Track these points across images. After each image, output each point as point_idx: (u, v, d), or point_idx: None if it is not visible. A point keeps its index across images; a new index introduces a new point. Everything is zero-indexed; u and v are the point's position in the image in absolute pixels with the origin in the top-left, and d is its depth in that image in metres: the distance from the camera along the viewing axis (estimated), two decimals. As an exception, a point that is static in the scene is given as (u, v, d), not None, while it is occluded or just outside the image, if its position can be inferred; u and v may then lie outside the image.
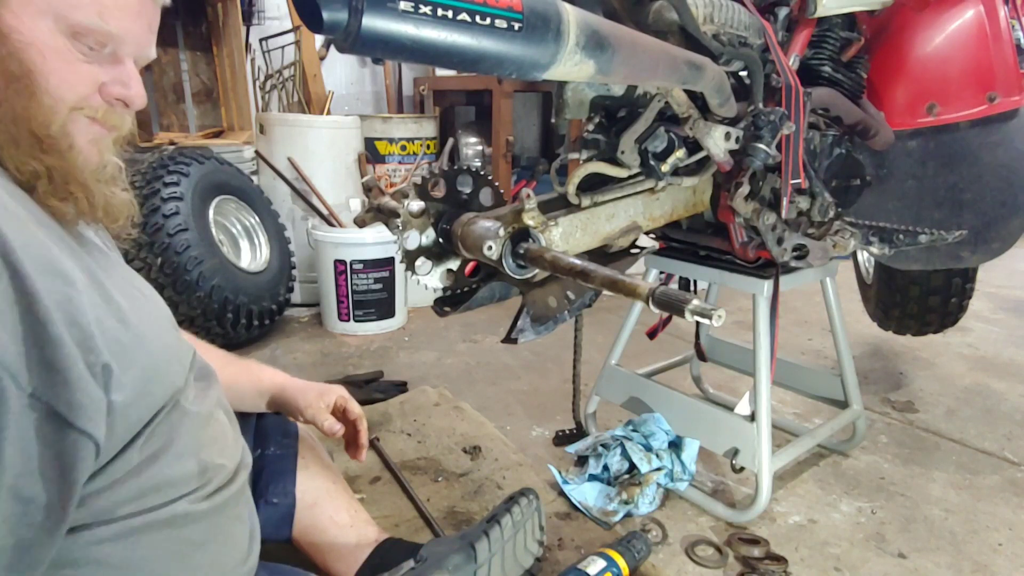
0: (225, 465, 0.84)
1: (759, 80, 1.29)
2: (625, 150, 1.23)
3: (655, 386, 1.74)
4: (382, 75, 4.73)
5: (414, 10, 0.64)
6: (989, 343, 2.81)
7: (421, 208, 1.05)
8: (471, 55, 0.71)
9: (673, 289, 0.73)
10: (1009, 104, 1.50)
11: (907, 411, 2.17)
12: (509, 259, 0.96)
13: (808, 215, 1.49)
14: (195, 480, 0.79)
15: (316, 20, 0.63)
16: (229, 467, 0.85)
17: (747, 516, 1.53)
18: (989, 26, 1.49)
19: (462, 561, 1.09)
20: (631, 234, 1.28)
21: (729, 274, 1.57)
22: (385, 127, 3.82)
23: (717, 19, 1.24)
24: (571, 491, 1.59)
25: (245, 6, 3.79)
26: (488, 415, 2.05)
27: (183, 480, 0.77)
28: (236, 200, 2.79)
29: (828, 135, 1.56)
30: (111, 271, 0.73)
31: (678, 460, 1.61)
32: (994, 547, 1.49)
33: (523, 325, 1.19)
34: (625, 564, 1.29)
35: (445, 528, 1.46)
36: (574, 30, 0.78)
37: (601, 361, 1.88)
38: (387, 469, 1.70)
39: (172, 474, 0.75)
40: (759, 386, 1.51)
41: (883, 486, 1.72)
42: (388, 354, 2.64)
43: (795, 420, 2.08)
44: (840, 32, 1.51)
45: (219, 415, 0.88)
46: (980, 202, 1.58)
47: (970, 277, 2.17)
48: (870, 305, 2.50)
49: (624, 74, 0.91)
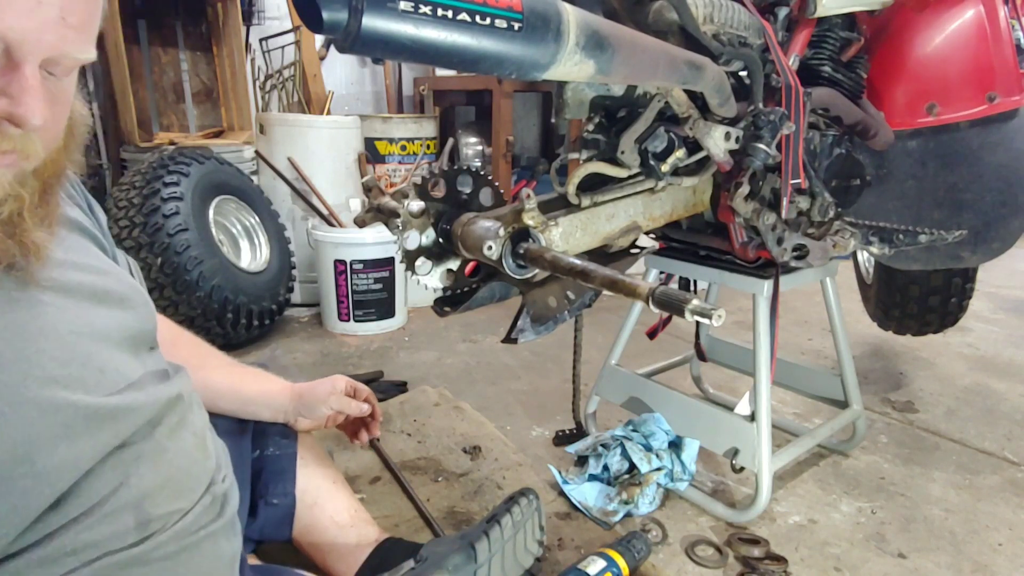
0: (181, 508, 0.74)
1: (759, 80, 1.29)
2: (625, 150, 1.23)
3: (655, 386, 1.74)
4: (382, 75, 4.74)
5: (414, 10, 0.64)
6: (989, 343, 2.81)
7: (421, 208, 1.05)
8: (471, 55, 0.71)
9: (673, 289, 0.73)
10: (1009, 104, 1.50)
11: (907, 411, 2.17)
12: (509, 259, 0.96)
13: (808, 215, 1.49)
14: (131, 535, 0.68)
15: (316, 20, 0.63)
16: (184, 506, 0.74)
17: (747, 516, 1.53)
18: (989, 26, 1.49)
19: (462, 561, 1.09)
20: (631, 234, 1.28)
21: (729, 274, 1.57)
22: (385, 127, 3.82)
23: (717, 19, 1.24)
24: (571, 491, 1.59)
25: (245, 6, 3.79)
26: (488, 415, 2.05)
27: (112, 538, 0.66)
28: (236, 200, 2.79)
29: (828, 135, 1.56)
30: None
31: (678, 460, 1.61)
32: (994, 547, 1.49)
33: (523, 325, 1.19)
34: (625, 564, 1.29)
35: (445, 528, 1.46)
36: (574, 30, 0.78)
37: (601, 361, 1.88)
38: (387, 469, 1.70)
39: (94, 537, 0.65)
40: (759, 386, 1.51)
41: (883, 486, 1.72)
42: (388, 354, 2.64)
43: (795, 420, 2.08)
44: (840, 32, 1.51)
45: (183, 442, 0.77)
46: (980, 202, 1.58)
47: (970, 277, 2.17)
48: (870, 305, 2.50)
49: (624, 74, 0.91)
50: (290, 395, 1.17)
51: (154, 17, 3.63)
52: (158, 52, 3.69)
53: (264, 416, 1.15)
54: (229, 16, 3.64)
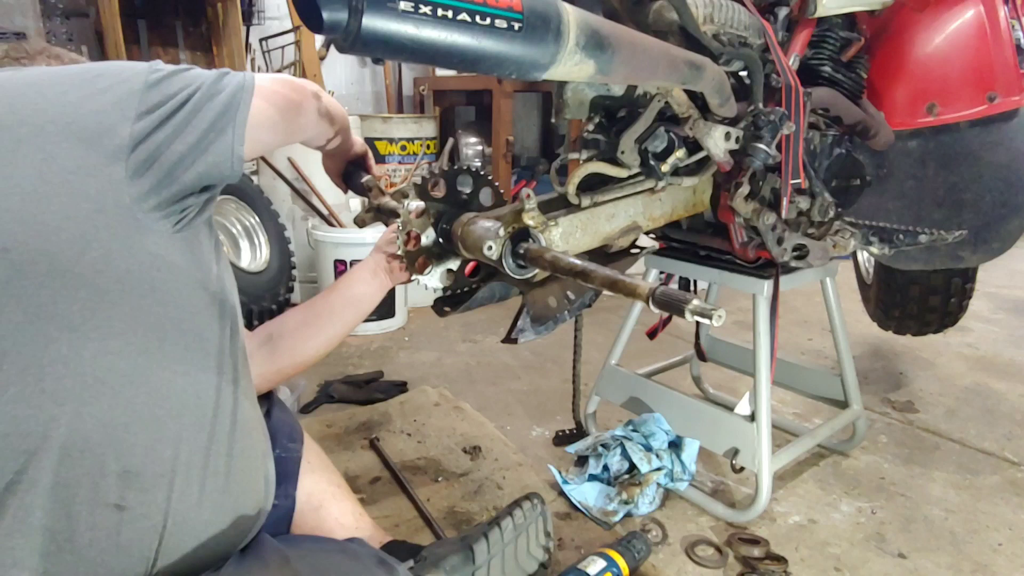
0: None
1: (759, 80, 1.29)
2: (625, 150, 1.23)
3: (655, 386, 1.74)
4: (382, 75, 4.74)
5: (414, 10, 0.64)
6: (989, 343, 2.81)
7: (421, 208, 1.05)
8: (471, 55, 0.71)
9: (673, 289, 0.72)
10: (1009, 104, 1.50)
11: (907, 411, 2.17)
12: (509, 259, 0.96)
13: (808, 215, 1.49)
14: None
15: (316, 20, 0.63)
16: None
17: (747, 516, 1.53)
18: (989, 26, 1.49)
19: (460, 562, 1.09)
20: (631, 234, 1.28)
21: (729, 274, 1.57)
22: (385, 127, 3.82)
23: (717, 19, 1.24)
24: (571, 491, 1.59)
25: (245, 6, 3.80)
26: (488, 415, 2.05)
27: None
28: (236, 200, 2.79)
29: (828, 135, 1.55)
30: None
31: (678, 460, 1.61)
32: (994, 547, 1.49)
33: (523, 325, 1.19)
34: (625, 564, 1.29)
35: (445, 528, 1.46)
36: (574, 30, 0.78)
37: (601, 361, 1.88)
38: (387, 469, 1.70)
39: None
40: (759, 386, 1.51)
41: (883, 486, 1.72)
42: (388, 354, 2.64)
43: (795, 420, 2.08)
44: (840, 32, 1.51)
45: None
46: (980, 202, 1.58)
47: (970, 277, 2.17)
48: (870, 305, 2.50)
49: (624, 74, 0.91)
50: (362, 268, 1.19)
51: (154, 17, 3.63)
52: (158, 52, 3.69)
53: (372, 291, 1.18)
54: (229, 16, 3.65)
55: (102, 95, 0.75)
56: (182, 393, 0.77)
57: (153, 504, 0.74)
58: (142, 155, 0.74)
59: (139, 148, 0.74)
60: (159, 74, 0.79)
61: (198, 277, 0.81)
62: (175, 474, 0.75)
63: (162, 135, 0.76)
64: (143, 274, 0.75)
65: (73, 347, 0.70)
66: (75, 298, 0.70)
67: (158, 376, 0.75)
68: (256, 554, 0.83)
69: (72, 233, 0.71)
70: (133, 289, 0.74)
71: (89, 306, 0.71)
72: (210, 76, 0.82)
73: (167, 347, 0.76)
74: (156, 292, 0.76)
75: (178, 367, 0.77)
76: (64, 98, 0.75)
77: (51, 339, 0.69)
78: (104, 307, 0.72)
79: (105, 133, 0.73)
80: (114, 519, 0.71)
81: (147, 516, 0.73)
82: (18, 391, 0.67)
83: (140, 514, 0.73)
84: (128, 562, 0.73)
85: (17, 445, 0.67)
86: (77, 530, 0.69)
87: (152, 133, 0.75)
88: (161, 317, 0.76)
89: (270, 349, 1.11)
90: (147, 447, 0.74)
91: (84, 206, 0.72)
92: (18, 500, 0.67)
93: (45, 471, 0.68)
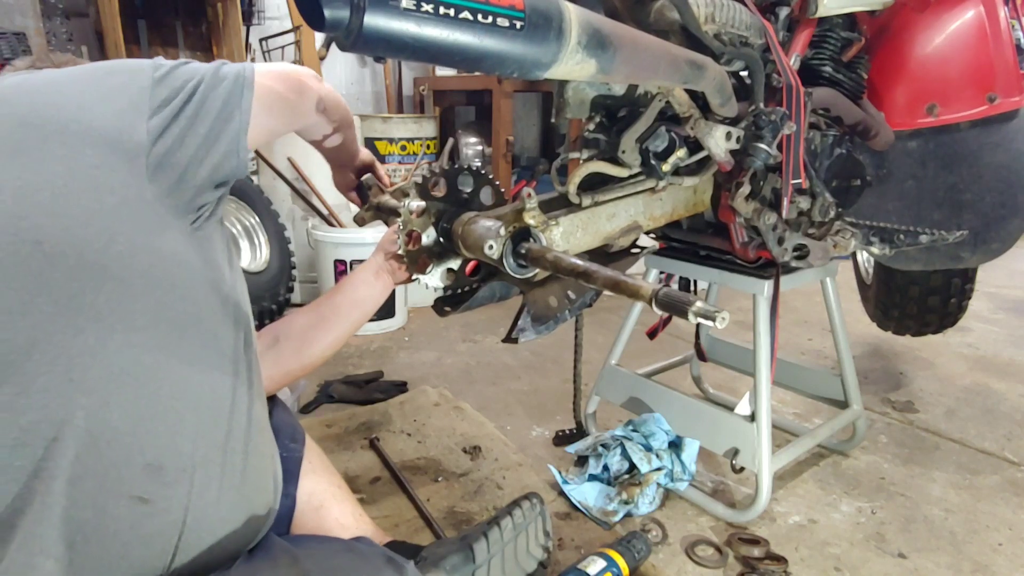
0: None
1: (760, 80, 1.29)
2: (626, 150, 1.23)
3: (655, 386, 1.74)
4: (382, 75, 4.74)
5: (416, 8, 0.64)
6: (989, 343, 2.81)
7: (421, 207, 1.05)
8: (473, 54, 0.71)
9: (676, 290, 0.72)
10: (1009, 105, 1.50)
11: (907, 411, 2.17)
12: (510, 259, 0.96)
13: (809, 215, 1.49)
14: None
15: (318, 18, 0.63)
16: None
17: (747, 516, 1.53)
18: (989, 26, 1.49)
19: (460, 562, 1.09)
20: (632, 234, 1.28)
21: (729, 274, 1.57)
22: (385, 127, 3.82)
23: (718, 19, 1.24)
24: (571, 491, 1.59)
25: (245, 6, 3.80)
26: (488, 415, 2.04)
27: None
28: (236, 200, 2.79)
29: (829, 135, 1.55)
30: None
31: (678, 460, 1.61)
32: (994, 547, 1.49)
33: (524, 325, 1.19)
34: (625, 564, 1.29)
35: (445, 528, 1.46)
36: (576, 29, 0.78)
37: (601, 361, 1.88)
38: (387, 469, 1.70)
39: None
40: (759, 386, 1.51)
41: (883, 486, 1.72)
42: (388, 354, 2.64)
43: (795, 420, 2.08)
44: (841, 32, 1.52)
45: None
46: (980, 203, 1.58)
47: (970, 277, 2.17)
48: (870, 305, 2.50)
49: (625, 73, 0.91)
50: (364, 270, 1.19)
51: (154, 17, 3.63)
52: (158, 52, 3.69)
53: (376, 292, 1.18)
54: (229, 16, 3.65)
55: (117, 94, 0.78)
56: (199, 389, 0.78)
57: (175, 499, 0.74)
58: (160, 150, 0.77)
59: (157, 144, 0.77)
60: (163, 69, 0.82)
61: (211, 278, 0.82)
62: (195, 469, 0.76)
63: (177, 129, 0.78)
64: (165, 270, 0.76)
65: (100, 338, 0.71)
66: (101, 290, 0.71)
67: (177, 371, 0.76)
68: (265, 553, 0.83)
69: (99, 226, 0.72)
70: (156, 284, 0.75)
71: (115, 298, 0.72)
72: (210, 67, 0.84)
73: (185, 344, 0.77)
74: (177, 289, 0.77)
75: (196, 364, 0.78)
76: (82, 98, 0.77)
77: (79, 329, 0.70)
78: (128, 300, 0.73)
79: (124, 132, 0.76)
80: (138, 512, 0.72)
81: (169, 511, 0.74)
82: (47, 380, 0.68)
83: (162, 508, 0.73)
84: (149, 556, 0.73)
85: (45, 433, 0.67)
86: (102, 521, 0.70)
87: (167, 128, 0.78)
88: (181, 314, 0.77)
89: (277, 352, 1.12)
90: (168, 440, 0.74)
91: (109, 199, 0.73)
92: (45, 487, 0.67)
93: (71, 460, 0.68)
